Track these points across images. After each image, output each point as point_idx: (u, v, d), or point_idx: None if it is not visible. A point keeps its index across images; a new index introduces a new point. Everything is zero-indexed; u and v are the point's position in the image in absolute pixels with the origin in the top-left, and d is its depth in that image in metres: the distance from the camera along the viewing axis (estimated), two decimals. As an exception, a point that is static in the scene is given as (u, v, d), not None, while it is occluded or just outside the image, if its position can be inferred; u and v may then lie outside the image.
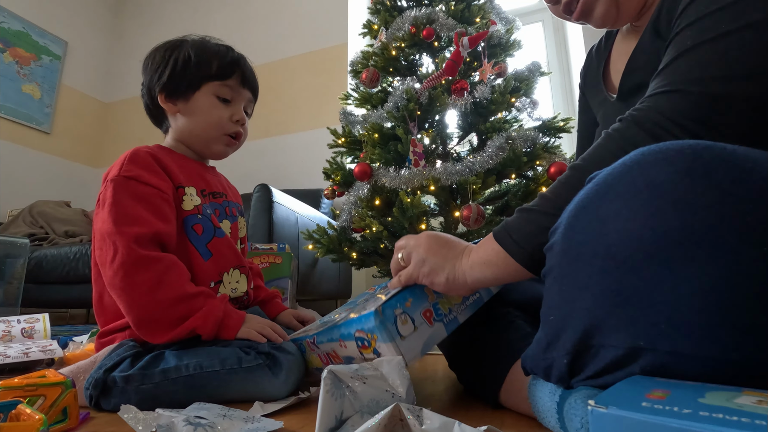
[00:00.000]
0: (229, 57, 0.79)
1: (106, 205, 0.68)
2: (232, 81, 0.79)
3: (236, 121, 0.80)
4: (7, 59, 2.63)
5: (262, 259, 1.25)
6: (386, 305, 0.51)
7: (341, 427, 0.42)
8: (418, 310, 0.54)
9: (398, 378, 0.48)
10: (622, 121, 0.45)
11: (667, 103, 0.43)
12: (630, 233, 0.34)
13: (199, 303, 0.66)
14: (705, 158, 0.33)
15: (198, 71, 0.77)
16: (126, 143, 3.10)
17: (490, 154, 1.21)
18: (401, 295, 0.54)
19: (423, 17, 1.44)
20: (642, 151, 0.36)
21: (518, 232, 0.47)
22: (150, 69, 0.79)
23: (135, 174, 0.70)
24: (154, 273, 0.64)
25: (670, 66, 0.45)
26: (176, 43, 0.79)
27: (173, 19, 3.17)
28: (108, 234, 0.65)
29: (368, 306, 0.58)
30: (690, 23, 0.45)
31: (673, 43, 0.47)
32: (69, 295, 1.99)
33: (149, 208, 0.69)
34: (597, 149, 0.46)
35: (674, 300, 0.32)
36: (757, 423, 0.22)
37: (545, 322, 0.43)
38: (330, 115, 2.32)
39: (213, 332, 0.66)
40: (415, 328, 0.52)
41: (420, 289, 0.56)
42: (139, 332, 0.65)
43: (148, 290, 0.63)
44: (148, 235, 0.66)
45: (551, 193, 0.47)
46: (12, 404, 0.45)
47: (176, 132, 0.80)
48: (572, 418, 0.39)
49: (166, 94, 0.77)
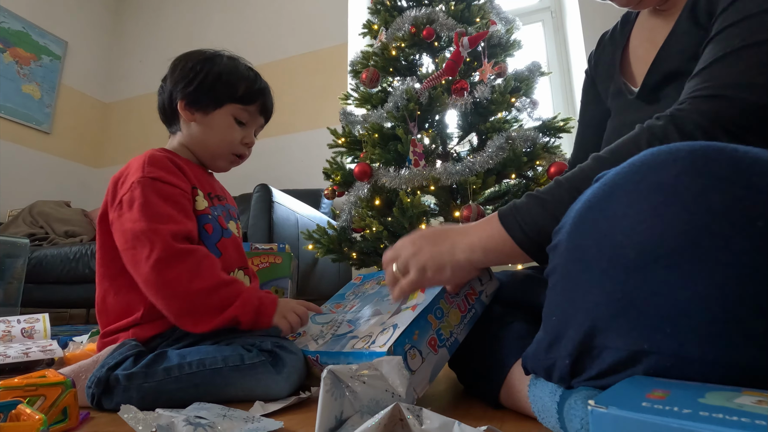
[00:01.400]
0: (256, 85, 0.82)
1: (135, 206, 0.68)
2: (253, 108, 0.82)
3: (245, 144, 0.83)
4: (7, 59, 2.63)
5: (262, 259, 1.25)
6: (397, 343, 0.52)
7: (341, 427, 0.42)
8: (425, 340, 0.55)
9: (398, 378, 0.48)
10: (660, 119, 0.44)
11: (709, 107, 0.42)
12: (636, 235, 0.34)
13: (236, 290, 0.68)
14: (715, 160, 0.32)
15: (224, 91, 0.79)
16: (126, 143, 3.10)
17: (490, 154, 1.21)
18: (409, 329, 0.54)
19: (423, 17, 1.44)
20: (651, 152, 0.35)
21: (528, 221, 0.46)
22: (177, 74, 0.80)
23: (158, 175, 0.72)
24: (190, 265, 0.66)
25: (713, 67, 0.44)
26: (210, 56, 0.81)
27: (173, 19, 3.17)
28: (142, 232, 0.66)
29: (373, 331, 0.59)
30: (736, 21, 0.44)
31: (715, 40, 0.45)
32: (69, 295, 1.99)
33: (176, 207, 0.71)
34: (626, 143, 0.45)
35: (679, 303, 0.32)
36: (757, 423, 0.22)
37: (547, 322, 0.42)
38: (330, 115, 2.32)
39: (252, 319, 0.67)
40: (423, 360, 0.53)
41: (424, 320, 0.56)
42: (180, 324, 0.67)
43: (186, 281, 0.65)
44: (182, 231, 0.69)
45: (567, 180, 0.46)
46: (12, 404, 0.45)
47: (186, 138, 0.82)
48: (572, 418, 0.39)
49: (187, 102, 0.79)
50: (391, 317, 0.60)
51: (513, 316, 0.63)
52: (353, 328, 0.66)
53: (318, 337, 0.70)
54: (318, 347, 0.67)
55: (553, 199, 0.46)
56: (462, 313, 0.60)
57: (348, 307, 0.77)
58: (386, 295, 0.71)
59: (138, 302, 0.71)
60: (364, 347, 0.57)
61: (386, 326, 0.58)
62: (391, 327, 0.57)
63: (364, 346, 0.57)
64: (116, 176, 0.75)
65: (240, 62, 0.83)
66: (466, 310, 0.60)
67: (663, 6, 0.61)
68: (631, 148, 0.43)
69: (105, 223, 0.74)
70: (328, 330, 0.72)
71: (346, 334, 0.65)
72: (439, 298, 0.58)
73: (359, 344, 0.59)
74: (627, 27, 0.70)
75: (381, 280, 0.81)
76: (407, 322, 0.55)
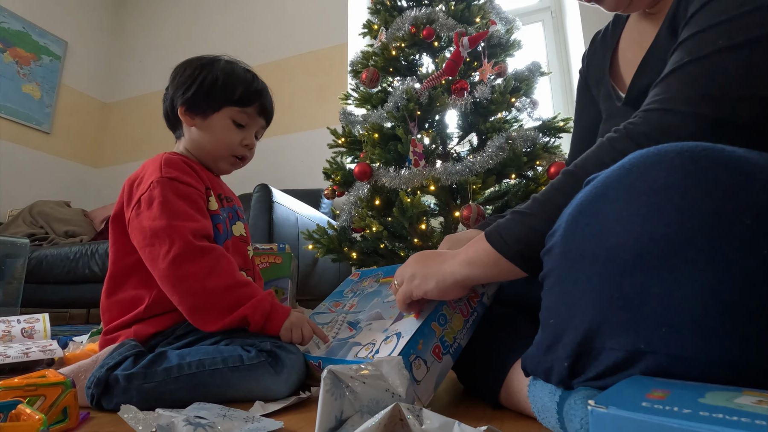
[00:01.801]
0: (253, 86, 0.82)
1: (155, 204, 0.70)
2: (251, 109, 0.82)
3: (246, 146, 0.84)
4: (7, 59, 2.63)
5: (262, 259, 1.25)
6: (403, 353, 0.52)
7: (341, 427, 0.42)
8: (429, 349, 0.55)
9: (398, 378, 0.48)
10: (617, 132, 0.45)
11: (660, 121, 0.43)
12: (629, 236, 0.34)
13: (249, 291, 0.68)
14: (704, 161, 0.32)
15: (222, 95, 0.80)
16: (126, 143, 3.10)
17: (490, 154, 1.21)
18: (413, 339, 0.54)
19: (423, 17, 1.44)
20: (641, 153, 0.36)
21: (509, 233, 0.48)
22: (177, 81, 0.82)
23: (175, 175, 0.73)
24: (207, 262, 0.67)
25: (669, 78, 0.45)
26: (208, 62, 0.82)
27: (173, 19, 3.17)
28: (162, 229, 0.68)
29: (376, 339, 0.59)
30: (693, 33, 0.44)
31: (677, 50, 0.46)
32: (69, 295, 1.99)
33: (193, 207, 0.73)
34: (590, 156, 0.46)
35: (674, 303, 0.32)
36: (757, 423, 0.22)
37: (545, 325, 0.43)
38: (330, 115, 2.32)
39: (261, 323, 0.68)
40: (428, 369, 0.54)
41: (428, 327, 0.56)
42: (192, 321, 0.68)
43: (202, 278, 0.66)
44: (202, 229, 0.70)
45: (543, 196, 0.48)
46: (12, 404, 0.45)
47: (188, 142, 0.84)
48: (572, 418, 0.39)
49: (186, 107, 0.80)
50: (394, 324, 0.60)
51: (513, 316, 0.63)
52: (354, 333, 0.66)
53: (319, 341, 0.70)
54: (320, 353, 0.67)
55: (530, 212, 0.48)
56: (465, 317, 0.60)
57: (347, 306, 0.77)
58: (387, 296, 0.71)
59: (141, 299, 0.72)
60: (367, 356, 0.57)
61: (389, 334, 0.58)
62: (394, 336, 0.57)
63: (367, 355, 0.57)
64: (132, 178, 0.77)
65: (238, 65, 0.84)
66: (468, 314, 0.60)
67: (652, 9, 0.61)
68: (596, 161, 0.45)
69: (117, 224, 0.76)
70: (328, 331, 0.72)
71: (348, 339, 0.65)
72: (443, 304, 0.58)
73: (362, 352, 0.59)
74: (618, 29, 0.70)
75: (380, 277, 0.81)
76: (411, 331, 0.55)
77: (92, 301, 2.03)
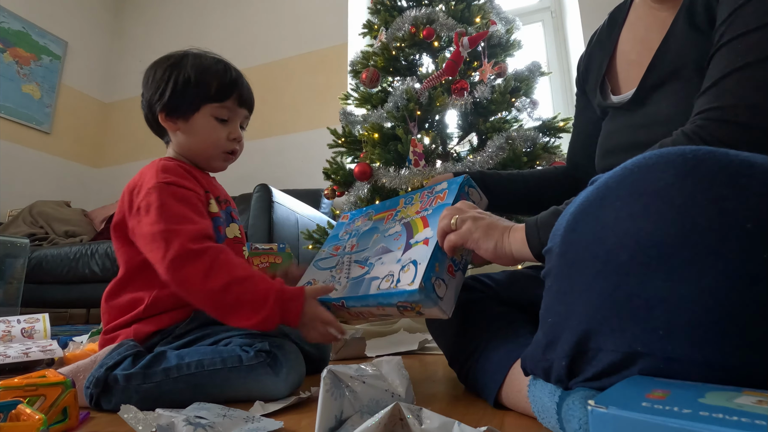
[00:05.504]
0: (227, 78, 0.81)
1: (152, 209, 0.69)
2: (230, 102, 0.81)
3: (233, 139, 0.83)
4: (7, 59, 2.63)
5: (262, 259, 1.25)
6: (425, 278, 0.56)
7: (341, 426, 0.42)
8: (444, 269, 0.59)
9: (398, 378, 0.48)
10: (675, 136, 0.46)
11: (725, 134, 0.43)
12: (629, 237, 0.34)
13: (249, 287, 0.66)
14: (706, 163, 0.32)
15: (197, 93, 0.78)
16: (126, 143, 3.10)
17: (490, 154, 1.21)
18: (430, 263, 0.58)
19: (423, 17, 1.44)
20: (644, 156, 0.36)
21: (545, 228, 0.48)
22: (151, 85, 0.80)
23: (173, 180, 0.73)
24: (202, 265, 0.66)
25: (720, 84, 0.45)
26: (176, 60, 0.81)
27: (173, 19, 3.17)
28: (159, 233, 0.67)
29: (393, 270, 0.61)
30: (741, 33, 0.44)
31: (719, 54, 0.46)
32: (69, 295, 1.99)
33: (192, 209, 0.72)
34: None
35: (672, 305, 0.32)
36: (757, 423, 0.22)
37: (544, 324, 0.43)
38: (330, 115, 2.32)
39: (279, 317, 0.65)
40: (446, 287, 0.59)
41: (440, 251, 0.59)
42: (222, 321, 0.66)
43: (200, 281, 0.65)
44: (201, 231, 0.69)
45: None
46: (12, 404, 0.45)
47: (177, 146, 0.83)
48: (570, 419, 0.39)
49: (166, 113, 0.79)
50: (406, 253, 0.62)
51: (513, 315, 0.63)
52: (367, 269, 0.66)
53: (331, 282, 0.70)
54: (339, 293, 0.66)
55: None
56: None
57: (348, 247, 0.77)
58: (386, 230, 0.71)
59: (141, 300, 0.72)
60: (390, 287, 0.59)
61: (404, 263, 0.61)
62: (410, 263, 0.60)
63: (390, 285, 0.59)
64: (130, 186, 0.76)
65: (207, 57, 0.82)
66: None
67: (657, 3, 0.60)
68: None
69: (118, 231, 0.77)
70: (338, 274, 0.71)
71: (364, 276, 0.65)
72: None
73: (384, 284, 0.60)
74: (615, 31, 0.69)
75: (372, 214, 0.81)
76: (426, 256, 0.59)
77: (92, 301, 2.03)
